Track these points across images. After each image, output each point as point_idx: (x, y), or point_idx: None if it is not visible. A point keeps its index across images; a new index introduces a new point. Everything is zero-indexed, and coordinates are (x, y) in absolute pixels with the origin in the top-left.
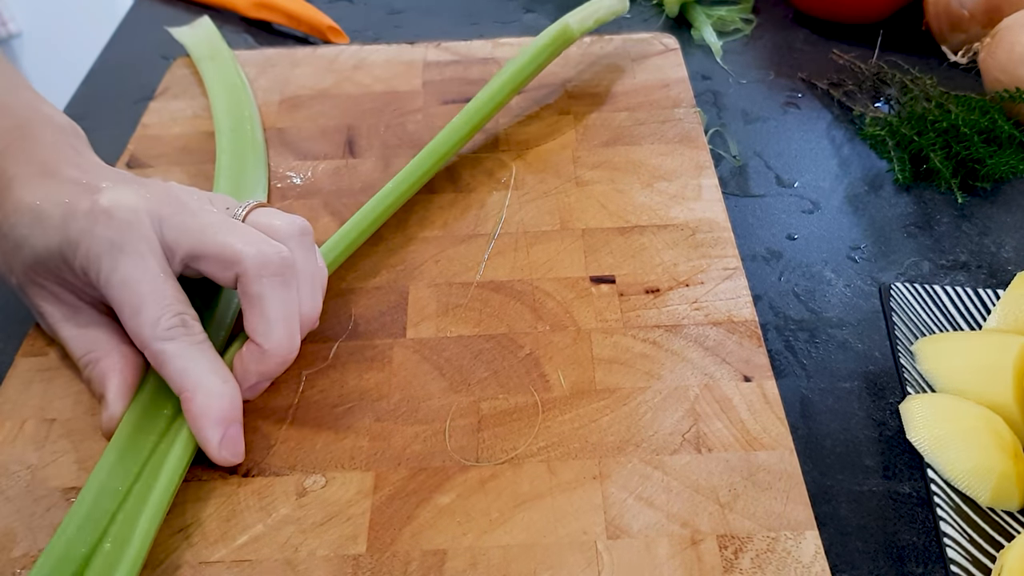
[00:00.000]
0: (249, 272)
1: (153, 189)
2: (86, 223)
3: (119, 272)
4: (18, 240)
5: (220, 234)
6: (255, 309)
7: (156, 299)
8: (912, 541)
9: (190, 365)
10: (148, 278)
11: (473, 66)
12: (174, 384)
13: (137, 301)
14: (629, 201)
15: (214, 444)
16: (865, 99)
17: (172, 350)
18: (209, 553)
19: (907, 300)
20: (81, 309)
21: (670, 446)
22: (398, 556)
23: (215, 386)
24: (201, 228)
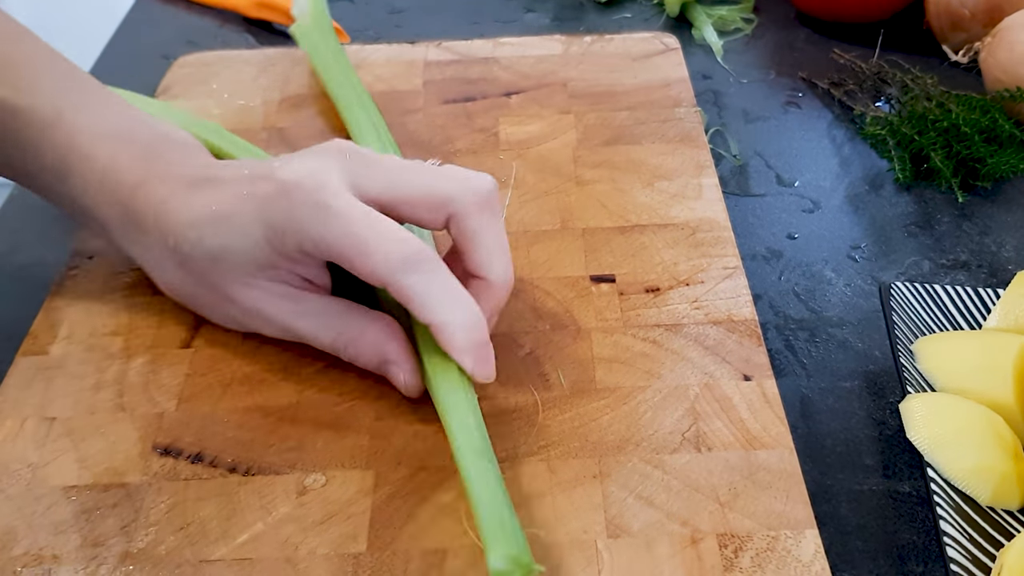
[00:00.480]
0: (464, 209)
1: (327, 152)
2: (282, 203)
3: (334, 227)
4: (213, 251)
5: (422, 177)
6: (474, 244)
7: (381, 236)
8: (912, 540)
9: (437, 296)
10: (364, 221)
11: (474, 66)
12: (422, 317)
13: (362, 246)
14: (629, 200)
15: (469, 368)
16: (866, 98)
17: (416, 282)
18: (209, 551)
19: (907, 299)
20: (302, 298)
21: (670, 445)
22: (398, 555)
23: (458, 318)
24: (399, 174)
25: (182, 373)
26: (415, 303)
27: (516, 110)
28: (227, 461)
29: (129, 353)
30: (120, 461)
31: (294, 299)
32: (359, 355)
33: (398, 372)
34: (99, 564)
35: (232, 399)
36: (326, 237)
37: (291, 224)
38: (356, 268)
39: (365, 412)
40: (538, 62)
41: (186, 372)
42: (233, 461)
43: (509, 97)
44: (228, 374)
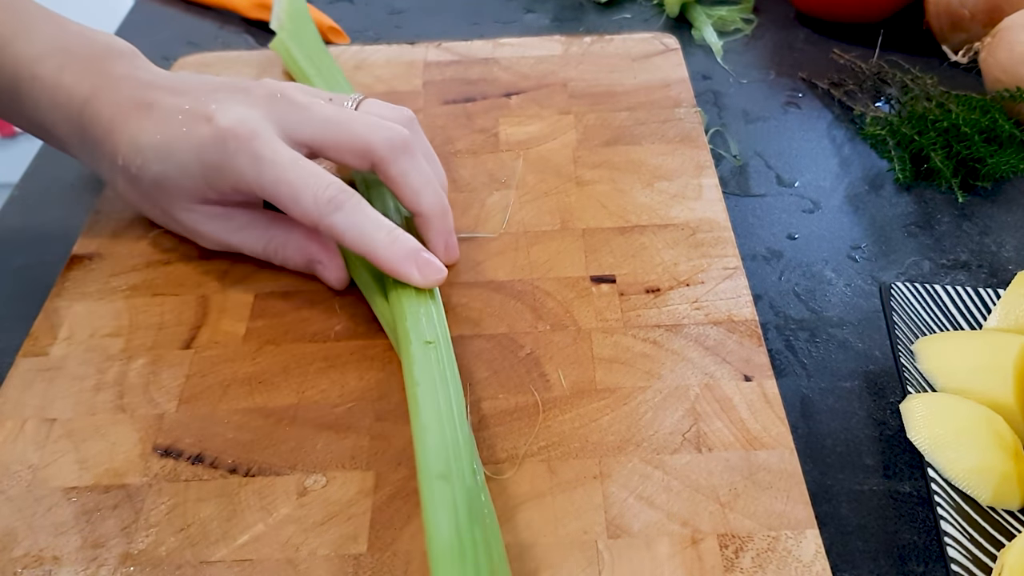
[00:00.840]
0: (385, 156)
1: (258, 94)
2: (217, 147)
3: (266, 175)
4: (156, 177)
5: (344, 126)
6: (402, 185)
7: (307, 182)
8: (913, 540)
9: (361, 230)
10: (292, 169)
11: (474, 66)
12: (356, 249)
13: (293, 191)
14: (629, 201)
15: (417, 279)
16: (866, 99)
17: (341, 220)
18: (210, 553)
19: (907, 299)
20: (234, 215)
21: (670, 445)
22: (399, 555)
23: (389, 238)
24: (323, 122)
25: (182, 374)
26: (346, 237)
27: (516, 111)
28: (227, 462)
29: (129, 354)
30: (120, 462)
31: (227, 217)
32: (288, 258)
33: (323, 269)
34: (99, 565)
35: (232, 400)
36: (260, 182)
37: (226, 168)
38: (288, 210)
39: (365, 413)
40: (538, 63)
41: (186, 373)
42: (233, 462)
43: (509, 98)
44: (228, 375)
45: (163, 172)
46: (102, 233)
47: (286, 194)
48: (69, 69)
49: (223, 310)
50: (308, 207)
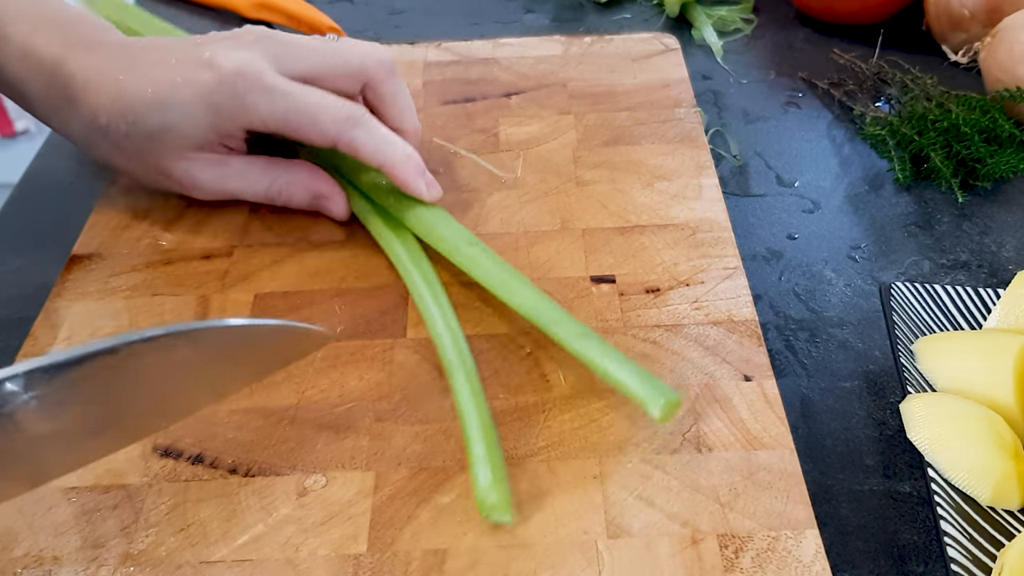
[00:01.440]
0: (379, 74)
1: (247, 39)
2: (227, 89)
3: (279, 106)
4: (153, 130)
5: (337, 54)
6: (391, 104)
7: (322, 104)
8: (913, 540)
9: (380, 143)
10: (305, 93)
11: (474, 66)
12: (373, 162)
13: (310, 113)
14: (629, 201)
15: (424, 193)
16: (866, 99)
17: (362, 135)
18: (210, 553)
19: (907, 299)
20: (228, 161)
21: (670, 446)
22: (399, 555)
23: (404, 151)
24: (316, 51)
25: None
26: (366, 151)
27: (516, 110)
28: (227, 462)
29: None
30: (120, 462)
31: (222, 163)
32: (292, 196)
33: (329, 203)
34: (99, 565)
35: (232, 400)
36: (274, 114)
37: (238, 108)
38: (305, 134)
39: (365, 413)
40: (538, 63)
41: None
42: (233, 462)
43: (509, 98)
44: None
45: (162, 123)
46: (102, 233)
47: (304, 120)
48: (42, 31)
49: (223, 310)
50: (327, 127)
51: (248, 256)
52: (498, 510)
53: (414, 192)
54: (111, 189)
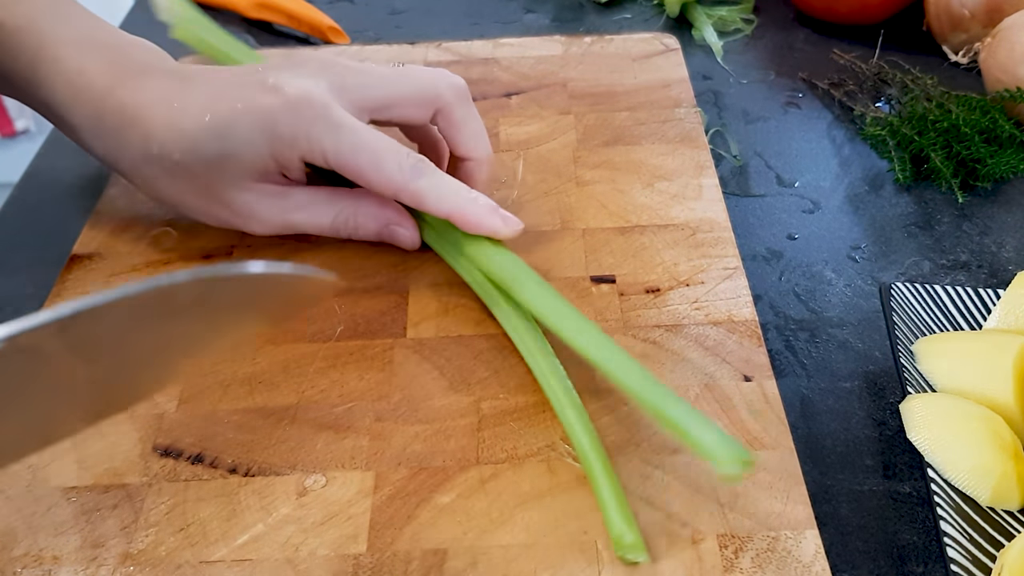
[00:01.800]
0: (452, 101)
1: (312, 66)
2: (290, 116)
3: (346, 142)
4: (209, 160)
5: (408, 80)
6: (464, 131)
7: (388, 149)
8: (912, 541)
9: (444, 192)
10: (371, 136)
11: (474, 66)
12: (440, 213)
13: (375, 158)
14: (629, 201)
15: (503, 230)
16: (866, 99)
17: (426, 185)
18: (209, 552)
19: (907, 300)
20: (290, 193)
21: (670, 445)
22: (398, 555)
23: (469, 196)
24: (384, 79)
25: None
26: (430, 201)
27: (516, 111)
28: (227, 462)
29: None
30: (120, 462)
31: (283, 195)
32: (360, 226)
33: (402, 231)
34: (99, 565)
35: (232, 400)
36: (338, 149)
37: (300, 138)
38: (367, 178)
39: (365, 413)
40: (538, 63)
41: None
42: (233, 462)
43: (509, 98)
44: (228, 375)
45: (221, 150)
46: (102, 233)
47: (367, 162)
48: (94, 56)
49: None
50: (392, 174)
51: (248, 256)
52: (634, 550)
53: (488, 231)
54: (111, 189)
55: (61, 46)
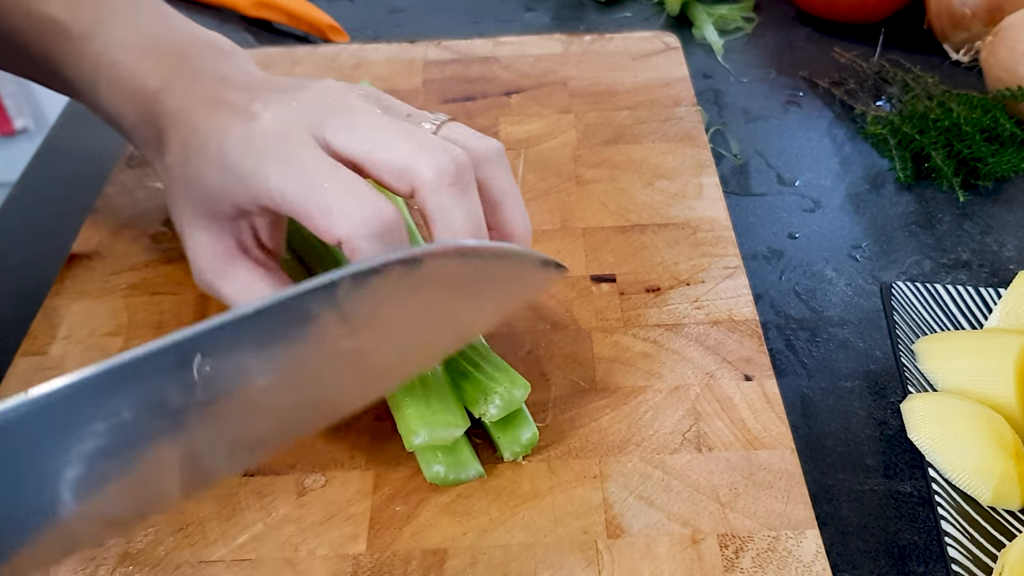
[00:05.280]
0: (426, 184)
1: (309, 93)
2: (244, 146)
3: (293, 181)
4: (187, 179)
5: (392, 142)
6: (436, 221)
7: (343, 194)
8: (913, 540)
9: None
10: (328, 176)
11: (474, 65)
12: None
13: (323, 203)
14: (630, 200)
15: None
16: (867, 97)
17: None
18: (209, 552)
19: (908, 299)
20: (237, 263)
21: (671, 445)
22: (398, 555)
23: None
24: (369, 133)
25: None
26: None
27: (516, 109)
28: None
29: None
30: None
31: (228, 259)
32: None
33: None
34: (98, 565)
35: None
36: (284, 191)
37: (249, 172)
38: (315, 226)
39: (365, 412)
40: (538, 61)
41: None
42: None
43: (509, 96)
44: None
45: (190, 175)
46: (101, 232)
47: (313, 206)
48: (150, 59)
49: (222, 309)
50: (337, 224)
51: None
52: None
53: None
54: (111, 188)
55: (120, 50)
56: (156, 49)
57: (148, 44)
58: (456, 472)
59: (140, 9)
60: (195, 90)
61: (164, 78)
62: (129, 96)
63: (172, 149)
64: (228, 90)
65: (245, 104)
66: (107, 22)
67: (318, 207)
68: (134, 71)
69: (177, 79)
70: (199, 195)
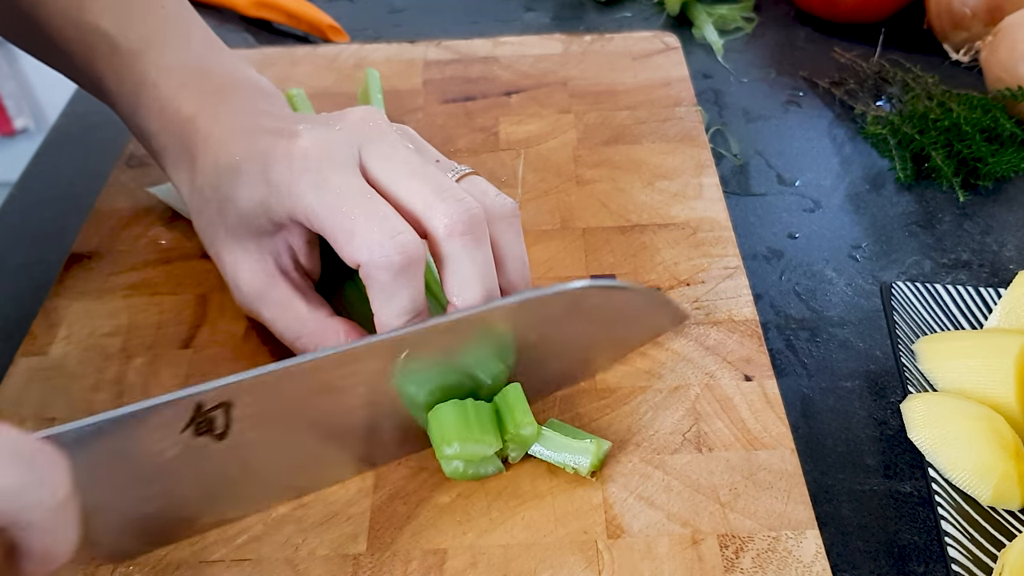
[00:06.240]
0: (438, 231)
1: (353, 118)
2: (285, 166)
3: (327, 202)
4: (221, 200)
5: (413, 183)
6: (447, 269)
7: (369, 222)
8: (913, 540)
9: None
10: (358, 202)
11: (474, 65)
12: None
13: (349, 227)
14: (630, 200)
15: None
16: (867, 97)
17: (382, 283)
18: (209, 552)
19: (908, 299)
20: (276, 284)
21: (671, 445)
22: (398, 555)
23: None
24: (397, 168)
25: (182, 374)
26: (375, 302)
27: (516, 109)
28: None
29: (128, 353)
30: None
31: (268, 281)
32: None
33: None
34: (98, 565)
35: None
36: (317, 210)
37: (285, 190)
38: (339, 248)
39: None
40: (538, 61)
41: (186, 372)
42: None
43: (509, 96)
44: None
45: (227, 194)
46: (101, 232)
47: (340, 229)
48: (193, 86)
49: (222, 309)
50: (358, 251)
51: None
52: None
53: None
54: (111, 188)
55: (164, 72)
56: (200, 79)
57: (193, 73)
58: (476, 467)
59: (191, 38)
60: (233, 120)
61: (203, 105)
62: (167, 119)
63: (204, 171)
64: (267, 120)
65: (287, 128)
66: (157, 45)
67: (344, 230)
68: (174, 95)
69: (215, 109)
70: (237, 214)
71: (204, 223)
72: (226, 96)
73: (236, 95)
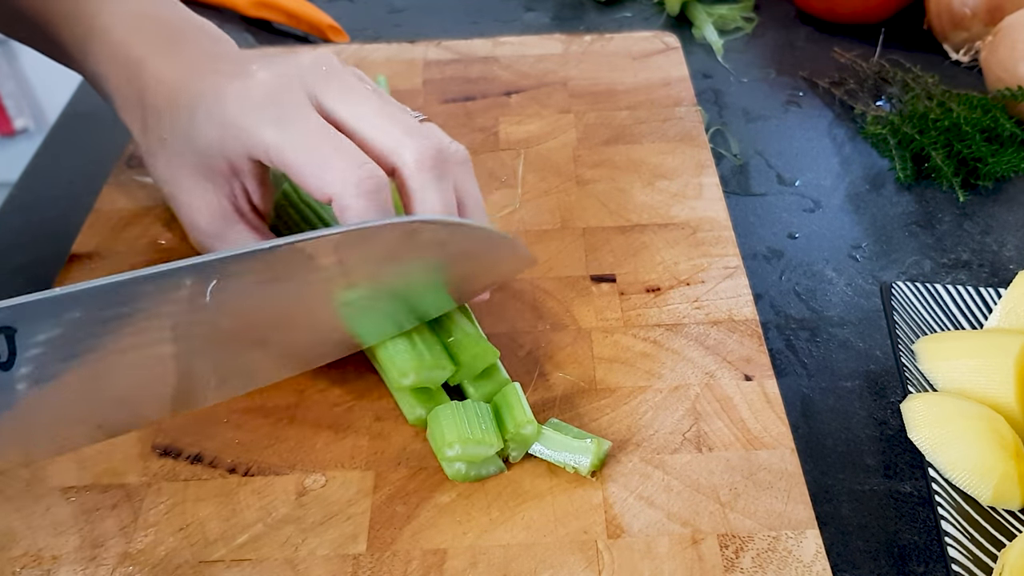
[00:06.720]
0: (405, 165)
1: (308, 58)
2: (239, 105)
3: (289, 138)
4: (176, 141)
5: (379, 119)
6: (412, 202)
7: (338, 154)
8: (913, 540)
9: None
10: (323, 136)
11: (473, 65)
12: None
13: (320, 161)
14: (630, 200)
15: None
16: (867, 97)
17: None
18: (209, 552)
19: (908, 299)
20: (232, 226)
21: (671, 445)
22: (398, 555)
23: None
24: (359, 105)
25: None
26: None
27: (516, 109)
28: (227, 461)
29: None
30: (119, 461)
31: (227, 220)
32: None
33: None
34: (98, 565)
35: (231, 399)
36: (281, 147)
37: (243, 127)
38: (307, 183)
39: (365, 412)
40: (538, 61)
41: None
42: (233, 462)
43: (509, 96)
44: None
45: (186, 133)
46: (101, 232)
47: (309, 163)
48: (144, 30)
49: None
50: (332, 183)
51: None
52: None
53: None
54: (110, 188)
55: (115, 17)
56: (151, 24)
57: (143, 16)
58: (477, 468)
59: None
60: (184, 61)
61: (154, 48)
62: (119, 62)
63: (158, 112)
64: (218, 62)
65: (240, 67)
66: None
67: (312, 166)
68: (125, 39)
69: (166, 50)
70: (192, 153)
71: (159, 164)
72: (177, 40)
73: (188, 39)
